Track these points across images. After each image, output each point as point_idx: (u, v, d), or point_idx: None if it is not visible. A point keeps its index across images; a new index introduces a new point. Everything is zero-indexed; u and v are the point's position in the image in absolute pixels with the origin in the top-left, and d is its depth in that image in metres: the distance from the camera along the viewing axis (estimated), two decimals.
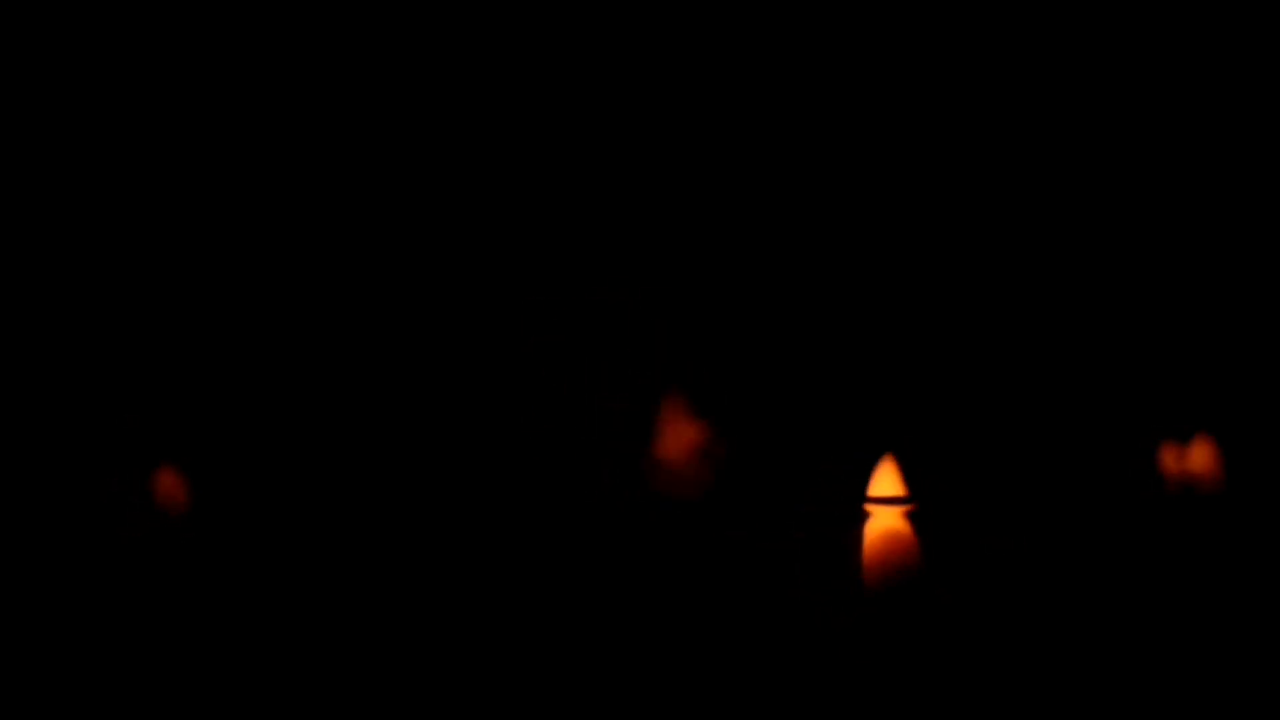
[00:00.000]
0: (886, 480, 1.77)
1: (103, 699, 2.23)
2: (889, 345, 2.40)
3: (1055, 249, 2.40)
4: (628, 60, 2.43)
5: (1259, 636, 2.16)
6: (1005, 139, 2.39)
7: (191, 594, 2.31)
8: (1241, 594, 2.21)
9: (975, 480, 2.29)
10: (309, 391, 2.43)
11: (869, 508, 1.76)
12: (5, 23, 2.39)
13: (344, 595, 2.31)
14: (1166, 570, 2.24)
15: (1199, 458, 2.28)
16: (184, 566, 2.32)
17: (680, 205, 2.44)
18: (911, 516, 1.78)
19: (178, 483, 2.33)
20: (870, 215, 2.40)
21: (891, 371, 2.39)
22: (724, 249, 2.43)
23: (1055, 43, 2.38)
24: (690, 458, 2.33)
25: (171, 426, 2.39)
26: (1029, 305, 2.39)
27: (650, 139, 2.44)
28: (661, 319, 2.41)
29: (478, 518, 2.37)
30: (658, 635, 2.23)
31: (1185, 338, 2.37)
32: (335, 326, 2.44)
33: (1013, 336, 2.39)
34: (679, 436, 2.33)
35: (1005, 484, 2.30)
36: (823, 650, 2.13)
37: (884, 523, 1.75)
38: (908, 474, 1.83)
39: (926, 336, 2.39)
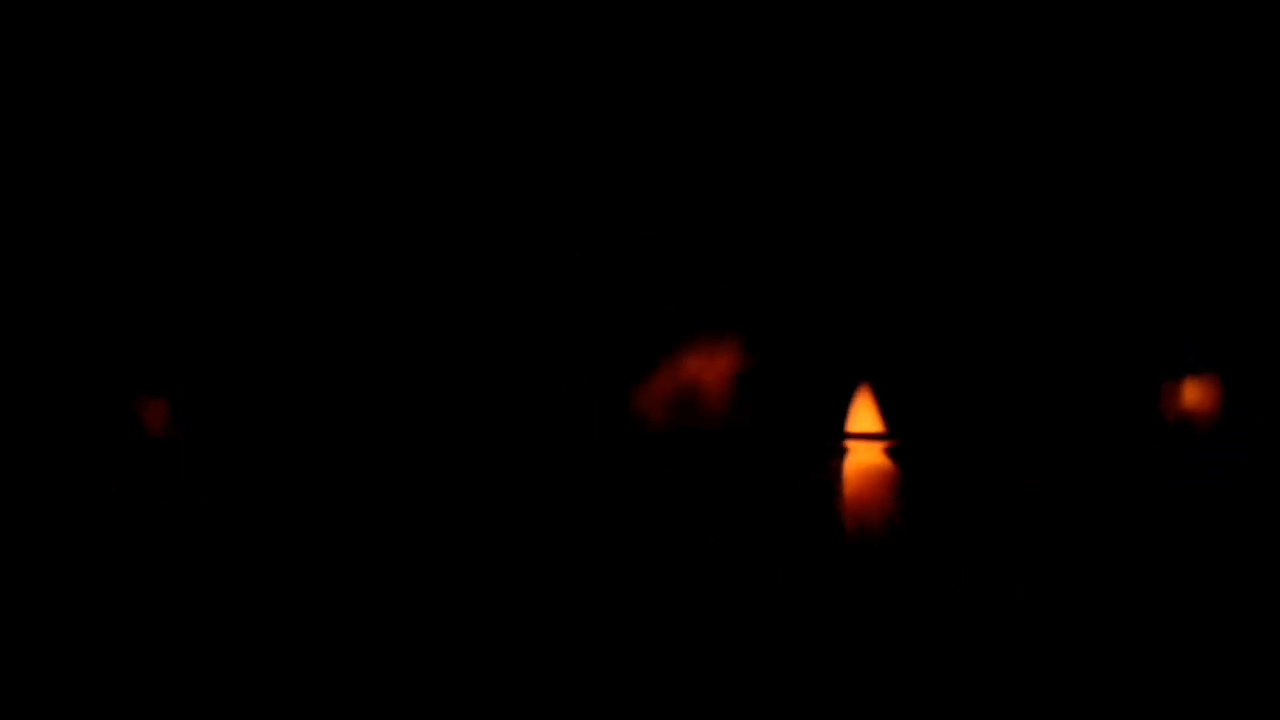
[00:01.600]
0: (864, 415, 1.78)
1: (102, 699, 2.26)
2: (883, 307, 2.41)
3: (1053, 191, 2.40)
4: (625, 62, 2.45)
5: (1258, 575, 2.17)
6: (994, 81, 2.40)
7: (192, 595, 2.33)
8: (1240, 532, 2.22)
9: (970, 417, 2.30)
10: (309, 388, 2.45)
11: (848, 444, 1.77)
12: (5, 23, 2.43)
13: (344, 595, 2.32)
14: (1164, 512, 2.25)
15: (1197, 394, 2.29)
16: (186, 567, 2.34)
17: (676, 204, 2.46)
18: (894, 452, 1.80)
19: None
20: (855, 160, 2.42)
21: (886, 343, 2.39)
22: (720, 247, 2.45)
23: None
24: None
25: (172, 417, 2.42)
26: (1025, 238, 2.40)
27: (643, 137, 2.45)
28: (659, 315, 2.43)
29: (472, 521, 2.38)
30: (645, 637, 2.24)
31: (1184, 273, 2.37)
32: (333, 324, 2.46)
33: (1009, 270, 2.39)
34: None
35: (1000, 419, 2.31)
36: (807, 651, 2.15)
37: (863, 459, 1.77)
38: (892, 408, 1.83)
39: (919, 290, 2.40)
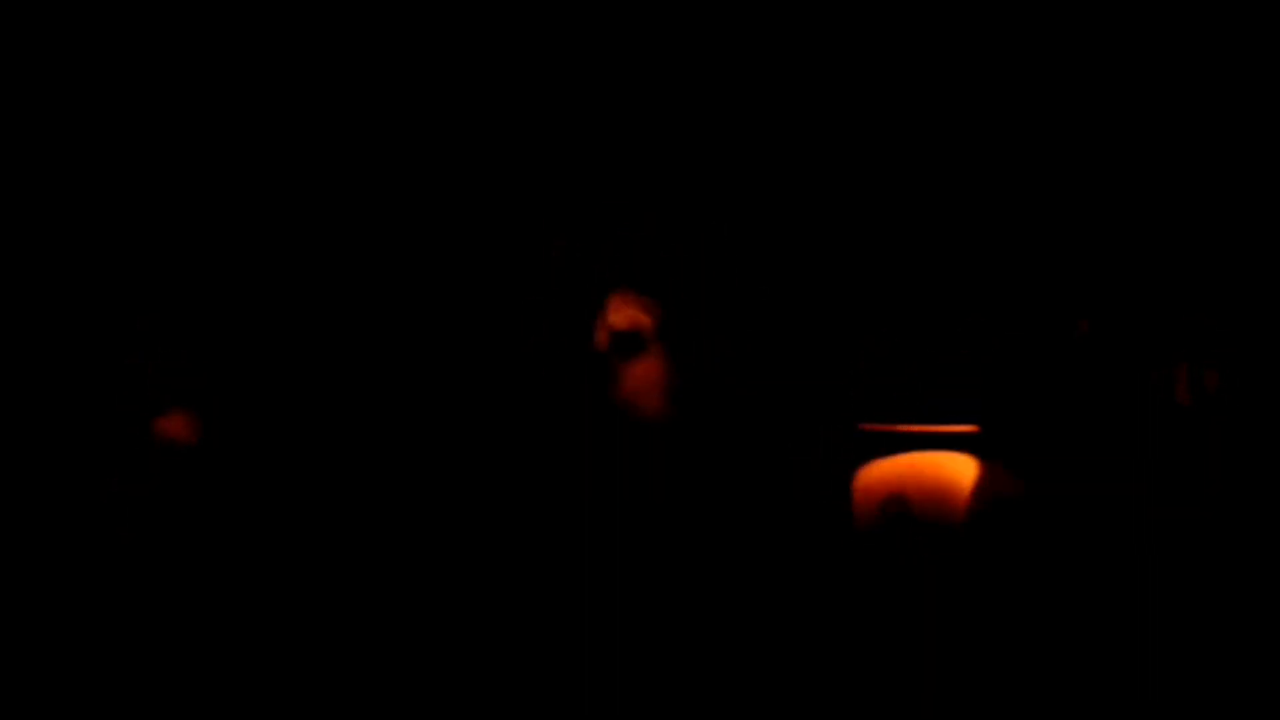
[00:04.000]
0: None
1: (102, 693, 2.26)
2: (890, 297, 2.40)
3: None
4: (617, 67, 2.45)
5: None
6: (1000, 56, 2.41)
7: (188, 591, 2.32)
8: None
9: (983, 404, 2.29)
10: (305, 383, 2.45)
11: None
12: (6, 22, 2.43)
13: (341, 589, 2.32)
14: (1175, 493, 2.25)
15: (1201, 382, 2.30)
16: (183, 564, 2.34)
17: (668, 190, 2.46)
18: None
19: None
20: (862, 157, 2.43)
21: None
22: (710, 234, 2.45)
23: None
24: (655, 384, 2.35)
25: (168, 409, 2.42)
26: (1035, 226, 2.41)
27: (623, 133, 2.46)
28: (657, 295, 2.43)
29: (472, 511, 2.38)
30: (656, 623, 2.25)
31: (1192, 262, 2.37)
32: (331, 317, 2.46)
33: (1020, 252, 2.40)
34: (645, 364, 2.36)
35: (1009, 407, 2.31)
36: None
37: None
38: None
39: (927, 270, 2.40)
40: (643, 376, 2.36)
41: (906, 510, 2.15)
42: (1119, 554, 2.19)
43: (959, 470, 2.18)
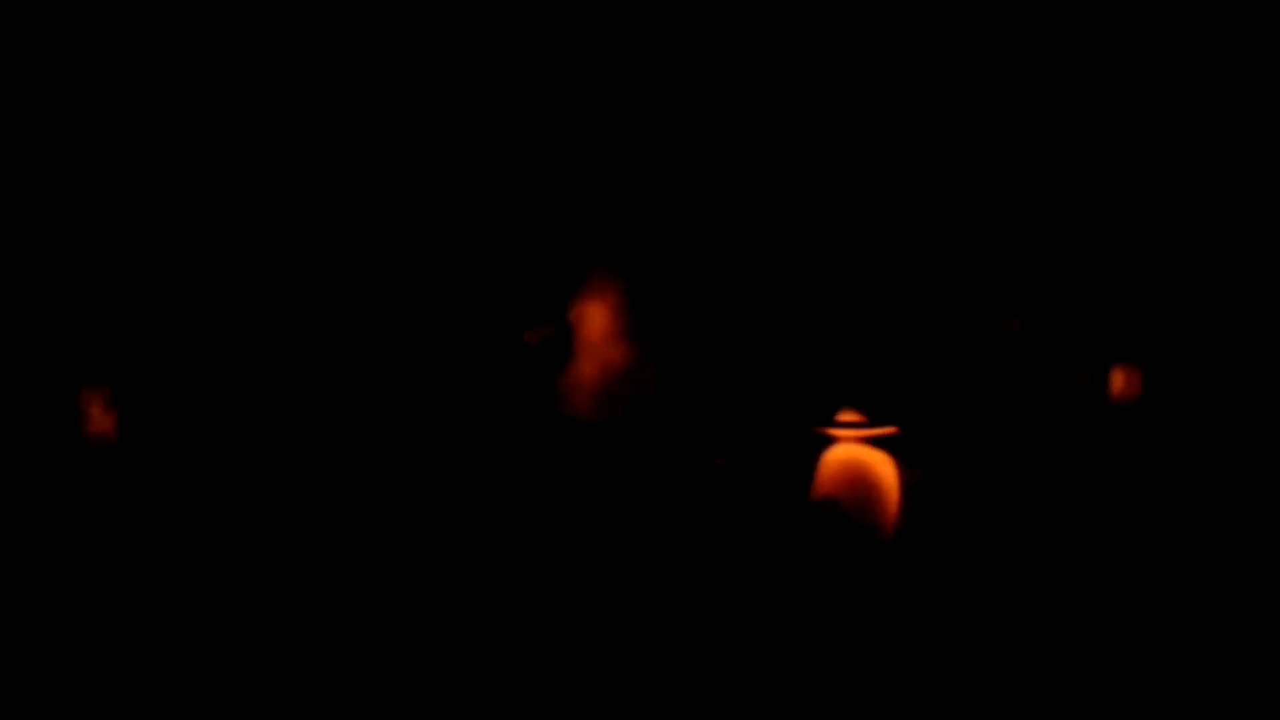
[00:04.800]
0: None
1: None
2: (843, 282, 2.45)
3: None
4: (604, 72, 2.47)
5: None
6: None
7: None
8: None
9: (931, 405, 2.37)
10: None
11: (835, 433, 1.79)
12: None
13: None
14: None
15: (1124, 381, 2.41)
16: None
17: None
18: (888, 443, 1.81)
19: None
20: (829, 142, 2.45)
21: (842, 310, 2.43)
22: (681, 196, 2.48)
23: None
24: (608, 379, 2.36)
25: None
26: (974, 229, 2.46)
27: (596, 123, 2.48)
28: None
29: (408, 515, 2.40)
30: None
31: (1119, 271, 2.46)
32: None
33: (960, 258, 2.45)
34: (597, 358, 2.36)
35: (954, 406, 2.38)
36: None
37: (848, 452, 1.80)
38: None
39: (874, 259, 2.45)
40: (580, 375, 2.38)
41: (838, 510, 2.16)
42: (1042, 551, 2.24)
43: (887, 470, 2.20)
